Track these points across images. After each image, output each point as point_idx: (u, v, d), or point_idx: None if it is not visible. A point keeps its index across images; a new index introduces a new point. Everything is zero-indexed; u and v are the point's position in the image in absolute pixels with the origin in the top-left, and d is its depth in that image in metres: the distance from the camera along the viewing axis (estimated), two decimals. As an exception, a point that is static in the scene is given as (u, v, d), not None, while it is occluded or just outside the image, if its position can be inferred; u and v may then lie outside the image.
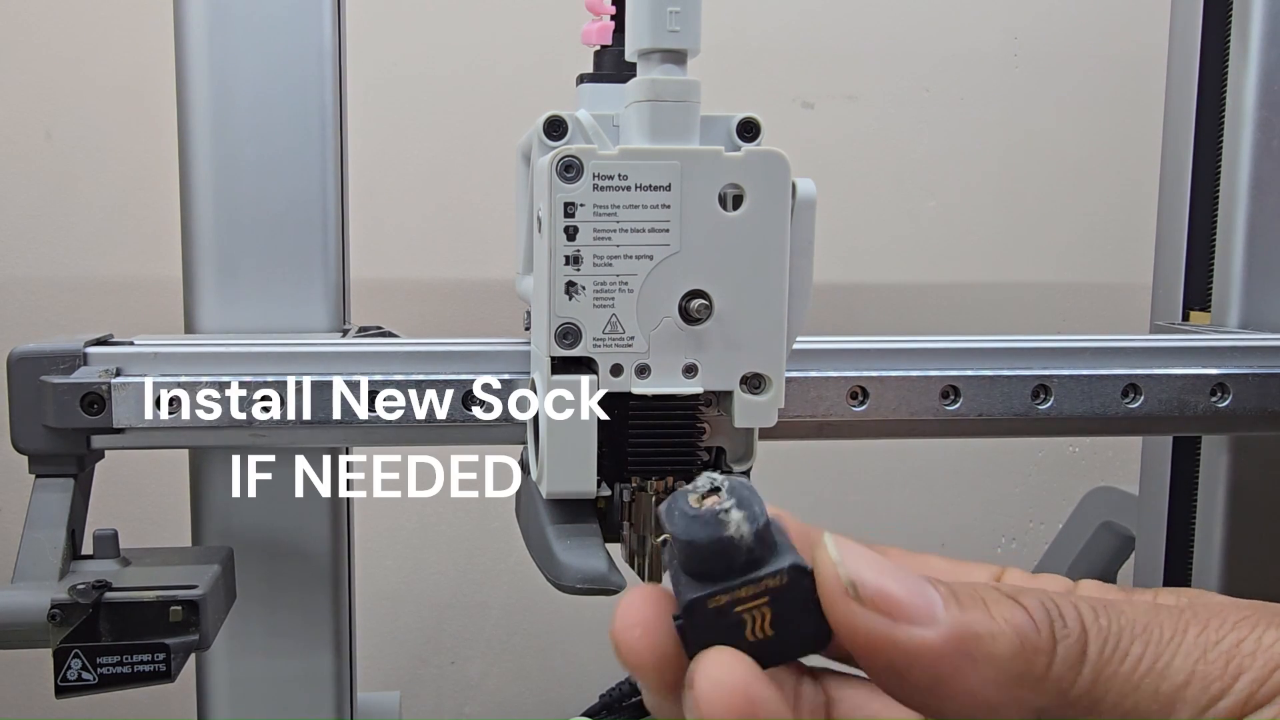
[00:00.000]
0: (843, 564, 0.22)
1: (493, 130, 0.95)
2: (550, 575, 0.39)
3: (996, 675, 0.21)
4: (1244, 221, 0.61)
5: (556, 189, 0.37)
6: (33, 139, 0.93)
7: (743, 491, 0.22)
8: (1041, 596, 0.22)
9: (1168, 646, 0.21)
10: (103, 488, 0.49)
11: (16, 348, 0.45)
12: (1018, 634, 0.21)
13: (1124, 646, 0.21)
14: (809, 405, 0.48)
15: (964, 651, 0.21)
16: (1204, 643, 0.21)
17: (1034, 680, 0.21)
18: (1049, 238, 1.08)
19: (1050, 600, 0.22)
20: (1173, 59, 0.68)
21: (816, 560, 0.22)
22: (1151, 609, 0.22)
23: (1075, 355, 0.50)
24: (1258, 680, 0.21)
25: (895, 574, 0.22)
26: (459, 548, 1.03)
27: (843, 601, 0.21)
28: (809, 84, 1.03)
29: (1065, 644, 0.21)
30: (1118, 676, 0.21)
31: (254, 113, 0.51)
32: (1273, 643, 0.21)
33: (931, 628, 0.21)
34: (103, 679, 0.41)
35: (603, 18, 0.44)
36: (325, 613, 0.53)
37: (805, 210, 0.40)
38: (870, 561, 0.22)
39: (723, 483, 0.22)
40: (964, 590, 0.22)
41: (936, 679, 0.21)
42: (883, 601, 0.21)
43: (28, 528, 0.44)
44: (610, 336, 0.38)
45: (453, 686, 1.05)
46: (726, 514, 0.21)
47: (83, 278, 0.95)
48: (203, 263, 0.52)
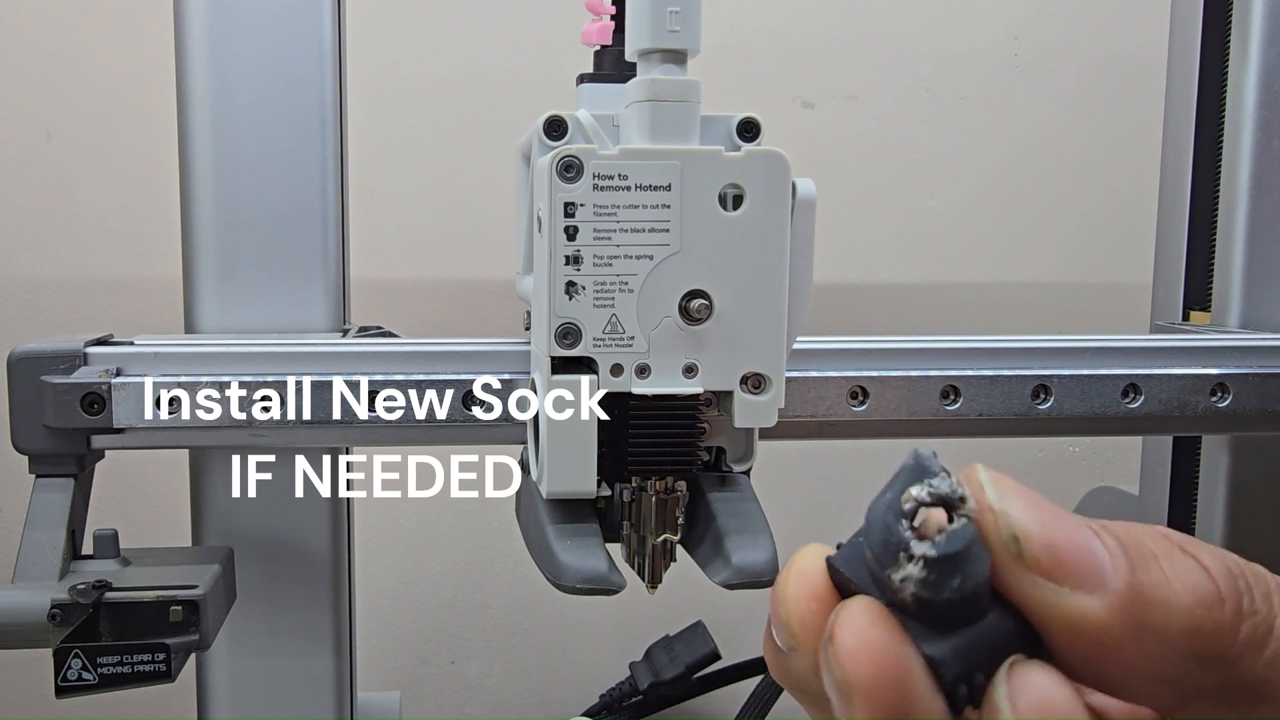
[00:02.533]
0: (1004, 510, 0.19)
1: (493, 130, 0.95)
2: (550, 575, 0.39)
3: (1164, 651, 0.18)
4: (1244, 221, 0.61)
5: (556, 189, 0.37)
6: (33, 139, 0.93)
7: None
8: (1225, 555, 0.19)
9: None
10: (103, 488, 0.49)
11: (16, 348, 0.45)
12: (1200, 605, 0.18)
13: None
14: (809, 405, 0.48)
15: (1133, 622, 0.18)
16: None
17: (1208, 660, 0.18)
18: (1049, 238, 1.08)
19: (1235, 563, 0.19)
20: (1173, 59, 0.68)
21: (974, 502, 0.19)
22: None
23: (1075, 355, 0.50)
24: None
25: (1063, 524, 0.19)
26: (459, 548, 1.03)
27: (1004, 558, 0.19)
28: (809, 84, 1.03)
29: (1251, 623, 0.18)
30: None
31: (254, 113, 0.51)
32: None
33: (1099, 595, 0.18)
34: (103, 679, 0.41)
35: (603, 18, 0.44)
36: (325, 613, 0.53)
37: (805, 210, 0.40)
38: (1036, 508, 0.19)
39: (953, 490, 0.19)
40: (1133, 541, 0.19)
41: (1099, 649, 0.18)
42: (1049, 560, 0.18)
43: (28, 528, 0.44)
44: (610, 336, 0.38)
45: (453, 686, 1.05)
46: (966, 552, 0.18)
47: (83, 278, 0.95)
48: (203, 263, 0.52)
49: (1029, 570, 0.18)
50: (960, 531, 0.18)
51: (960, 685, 0.19)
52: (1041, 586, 0.18)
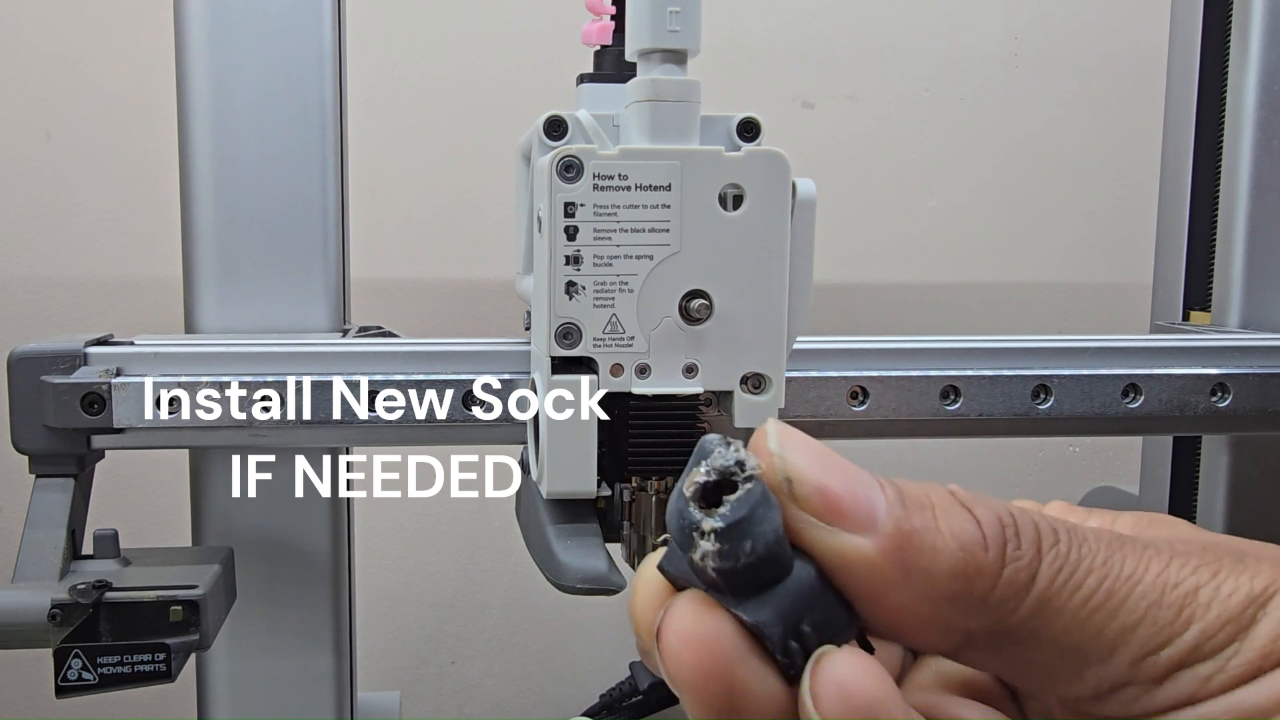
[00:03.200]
0: (781, 455, 0.19)
1: (493, 130, 0.95)
2: (550, 575, 0.39)
3: (930, 592, 0.19)
4: (1244, 221, 0.61)
5: (557, 189, 0.37)
6: (33, 139, 0.93)
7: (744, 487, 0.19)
8: (1000, 508, 0.20)
9: (1124, 584, 0.19)
10: (103, 488, 0.49)
11: (16, 348, 0.45)
12: (962, 549, 0.19)
13: (1078, 579, 0.19)
14: (809, 405, 0.48)
15: (900, 563, 0.19)
16: (1162, 584, 0.19)
17: (971, 603, 0.19)
18: (1049, 238, 1.08)
19: (1008, 513, 0.20)
20: (1173, 59, 0.68)
21: (755, 449, 0.20)
22: (1115, 540, 0.20)
23: (1075, 355, 0.50)
24: (1206, 633, 0.19)
25: (839, 470, 0.19)
26: (459, 548, 1.03)
27: (783, 502, 0.19)
28: (809, 84, 1.03)
29: (1013, 567, 0.19)
30: (1065, 610, 0.19)
31: (254, 113, 0.51)
32: (1230, 593, 0.19)
33: (869, 535, 0.19)
34: (103, 679, 0.41)
35: (603, 18, 0.44)
36: (325, 613, 0.53)
37: (805, 210, 0.40)
38: (812, 454, 0.20)
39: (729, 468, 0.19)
40: (914, 492, 0.20)
41: (868, 590, 0.19)
42: (820, 501, 0.19)
43: (28, 528, 0.44)
44: (610, 336, 0.38)
45: (453, 686, 1.05)
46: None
47: (83, 278, 0.95)
48: (203, 263, 0.52)
49: (803, 510, 0.19)
50: (744, 497, 0.19)
51: (790, 642, 0.19)
52: (815, 526, 0.19)
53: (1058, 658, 0.20)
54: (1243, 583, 0.20)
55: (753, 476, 0.19)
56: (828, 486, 0.19)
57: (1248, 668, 0.19)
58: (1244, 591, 0.20)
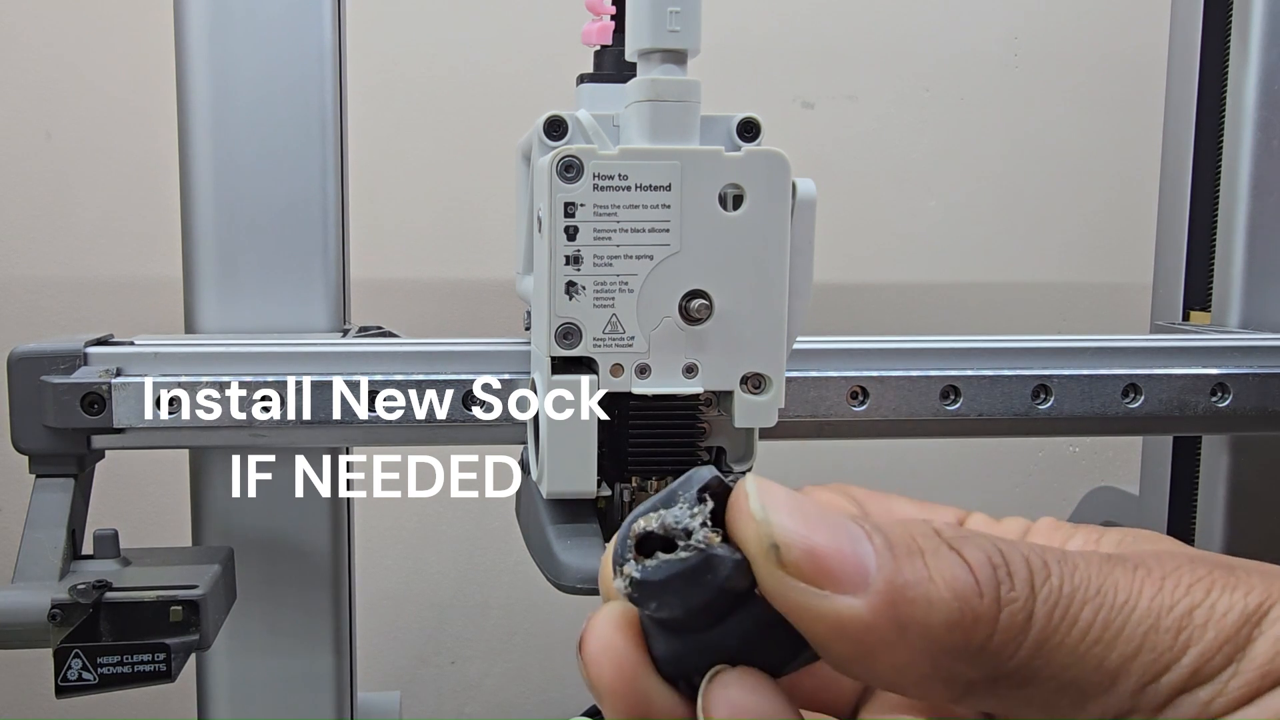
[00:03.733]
0: (766, 519, 0.19)
1: (493, 130, 0.95)
2: (550, 575, 0.39)
3: (929, 647, 0.18)
4: (1244, 221, 0.61)
5: (557, 189, 0.37)
6: (33, 139, 0.93)
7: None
8: (988, 546, 0.19)
9: (1120, 612, 0.19)
10: (103, 488, 0.49)
11: (16, 348, 0.45)
12: (957, 598, 0.18)
13: (1074, 612, 0.19)
14: (809, 405, 0.48)
15: (895, 621, 0.18)
16: (1157, 608, 0.19)
17: (970, 653, 0.19)
18: (1049, 238, 1.08)
19: (998, 551, 0.19)
20: (1173, 59, 0.68)
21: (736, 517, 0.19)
22: (1106, 564, 0.20)
23: (1075, 355, 0.50)
24: (1204, 655, 0.19)
25: (824, 525, 0.19)
26: (459, 548, 1.03)
27: (765, 567, 0.19)
28: (809, 84, 1.03)
29: (1010, 610, 0.19)
30: (1063, 647, 0.19)
31: (254, 113, 0.51)
32: (1225, 612, 0.19)
33: (861, 595, 0.18)
34: (103, 679, 0.41)
35: (603, 18, 0.44)
36: (325, 613, 0.53)
37: (805, 210, 0.40)
38: (795, 511, 0.19)
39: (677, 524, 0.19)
40: (901, 539, 0.19)
41: (864, 651, 0.19)
42: (809, 565, 0.19)
43: (28, 528, 0.44)
44: (610, 336, 0.38)
45: (453, 686, 1.05)
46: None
47: (83, 278, 0.95)
48: (203, 263, 0.52)
49: (791, 576, 0.19)
50: (668, 564, 0.19)
51: (679, 683, 0.20)
52: (804, 592, 0.19)
53: (1058, 694, 0.19)
54: (1236, 600, 0.19)
55: (694, 549, 0.19)
56: (815, 547, 0.19)
57: (1247, 689, 0.19)
58: (1238, 610, 0.19)
